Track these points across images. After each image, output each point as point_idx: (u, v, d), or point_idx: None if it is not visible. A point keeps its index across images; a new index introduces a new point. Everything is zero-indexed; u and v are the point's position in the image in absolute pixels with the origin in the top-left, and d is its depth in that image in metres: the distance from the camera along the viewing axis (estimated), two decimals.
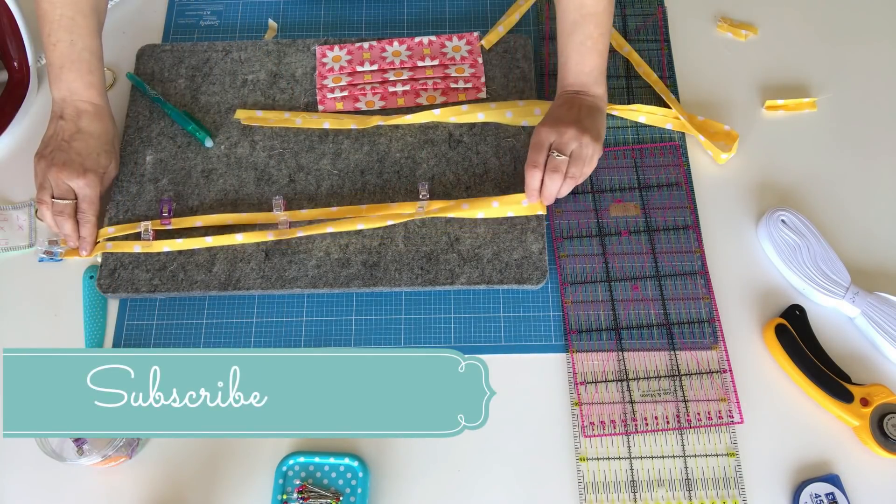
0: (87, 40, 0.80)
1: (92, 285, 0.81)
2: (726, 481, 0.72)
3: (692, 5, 0.97)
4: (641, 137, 0.88)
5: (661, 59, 0.93)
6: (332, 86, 0.90)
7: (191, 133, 0.87)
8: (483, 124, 0.87)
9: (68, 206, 0.78)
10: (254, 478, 0.73)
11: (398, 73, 0.89)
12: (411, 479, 0.73)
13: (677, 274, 0.81)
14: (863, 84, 0.91)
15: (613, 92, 0.91)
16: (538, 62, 0.93)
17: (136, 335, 0.80)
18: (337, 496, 0.71)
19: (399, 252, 0.81)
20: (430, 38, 0.91)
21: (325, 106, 0.89)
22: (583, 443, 0.74)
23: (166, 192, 0.84)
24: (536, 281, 0.79)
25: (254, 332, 0.80)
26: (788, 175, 0.86)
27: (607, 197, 0.85)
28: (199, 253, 0.81)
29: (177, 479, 0.73)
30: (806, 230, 0.80)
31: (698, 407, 0.75)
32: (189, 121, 0.87)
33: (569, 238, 0.83)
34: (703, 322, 0.79)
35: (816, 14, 0.96)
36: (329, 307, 0.80)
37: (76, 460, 0.69)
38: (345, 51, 0.91)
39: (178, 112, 0.87)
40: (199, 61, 0.92)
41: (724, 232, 0.83)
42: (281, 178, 0.85)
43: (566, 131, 0.77)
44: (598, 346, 0.78)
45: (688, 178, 0.86)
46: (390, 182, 0.84)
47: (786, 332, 0.76)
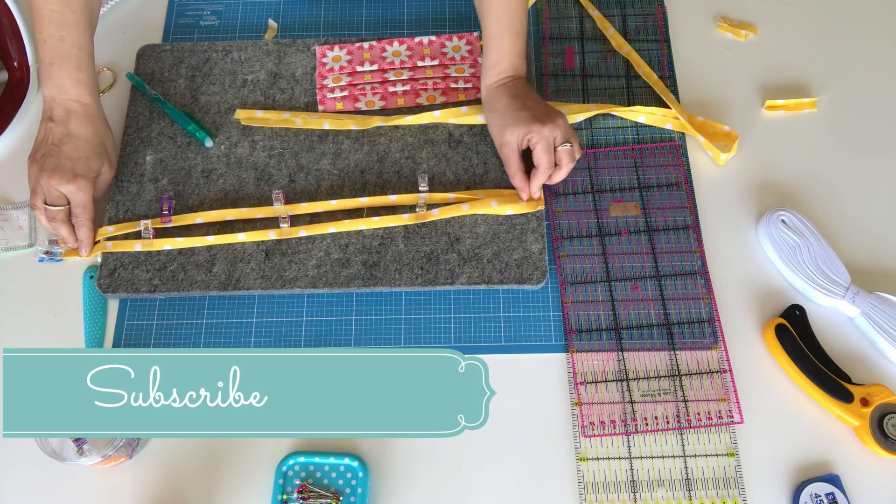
0: (76, 36, 0.79)
1: (92, 285, 0.81)
2: (726, 481, 0.72)
3: (692, 5, 0.97)
4: (641, 137, 0.88)
5: (661, 59, 0.93)
6: (332, 86, 0.90)
7: (191, 133, 0.87)
8: (483, 124, 0.87)
9: (60, 211, 0.78)
10: (254, 478, 0.73)
11: (398, 73, 0.89)
12: (411, 479, 0.73)
13: (677, 274, 0.81)
14: (863, 84, 0.91)
15: (614, 92, 0.91)
16: (538, 62, 0.93)
17: (136, 335, 0.80)
18: (337, 496, 0.71)
19: (399, 252, 0.81)
20: (430, 38, 0.91)
21: (324, 106, 0.89)
22: (583, 443, 0.74)
23: (166, 192, 0.84)
24: (536, 281, 0.79)
25: (254, 332, 0.80)
26: (788, 175, 0.86)
27: (607, 197, 0.85)
28: (199, 253, 0.81)
29: (177, 479, 0.73)
30: (806, 230, 0.80)
31: (698, 407, 0.75)
32: (189, 121, 0.87)
33: (569, 238, 0.83)
34: (703, 322, 0.79)
35: (816, 14, 0.96)
36: (329, 307, 0.81)
37: (76, 460, 0.69)
38: (345, 51, 0.91)
39: (178, 112, 0.87)
40: (199, 61, 0.92)
41: (724, 232, 0.83)
42: (281, 178, 0.85)
43: (542, 127, 0.78)
44: (598, 346, 0.78)
45: (688, 178, 0.86)
46: (390, 182, 0.84)
47: (786, 332, 0.76)
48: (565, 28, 0.95)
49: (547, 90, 0.91)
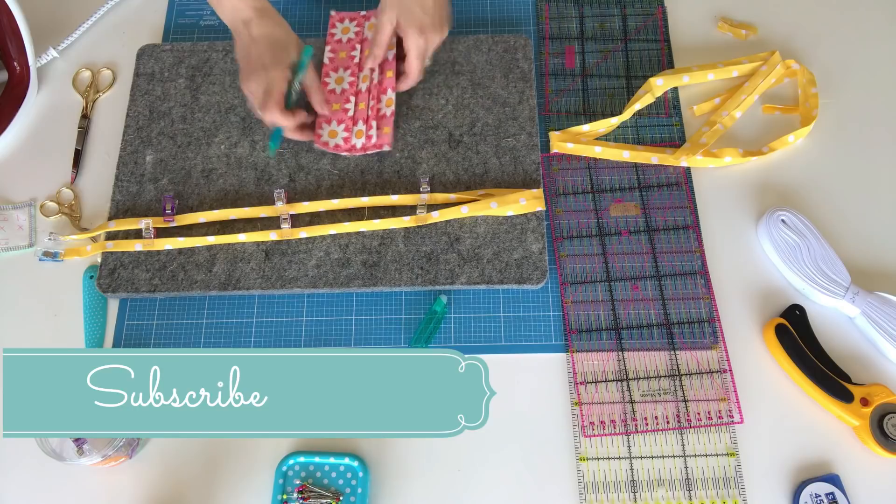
0: None
1: (92, 285, 0.81)
2: (726, 481, 0.72)
3: (692, 5, 0.97)
4: (642, 137, 0.88)
5: (662, 59, 0.93)
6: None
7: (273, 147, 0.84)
8: (483, 124, 0.87)
9: (271, 101, 0.79)
10: (254, 478, 0.73)
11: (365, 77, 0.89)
12: (411, 479, 0.73)
13: (677, 274, 0.81)
14: (863, 85, 0.91)
15: (614, 92, 0.91)
16: (538, 62, 0.93)
17: (136, 335, 0.80)
18: (337, 496, 0.71)
19: (399, 252, 0.81)
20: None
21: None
22: (583, 443, 0.74)
23: (167, 192, 0.84)
24: (536, 281, 0.79)
25: (254, 332, 0.80)
26: (788, 175, 0.86)
27: (607, 197, 0.85)
28: (199, 253, 0.81)
29: (177, 479, 0.73)
30: (806, 230, 0.80)
31: (698, 407, 0.75)
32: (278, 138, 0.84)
33: (569, 238, 0.83)
34: (703, 322, 0.79)
35: (816, 14, 0.96)
36: (329, 307, 0.81)
37: (76, 460, 0.69)
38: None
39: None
40: (199, 61, 0.92)
41: (724, 232, 0.83)
42: (281, 178, 0.85)
43: (418, 36, 0.81)
44: (598, 346, 0.78)
45: (688, 178, 0.86)
46: (390, 182, 0.84)
47: (786, 332, 0.76)
48: (565, 28, 0.95)
49: (547, 90, 0.91)
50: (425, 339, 0.78)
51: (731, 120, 0.88)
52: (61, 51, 0.95)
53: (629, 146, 0.86)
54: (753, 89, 0.88)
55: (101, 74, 0.94)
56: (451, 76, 0.90)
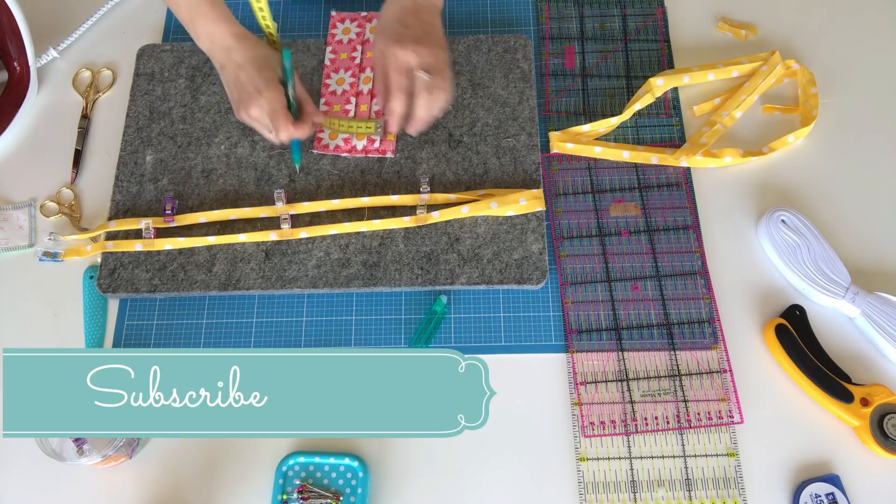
0: None
1: (92, 285, 0.81)
2: (726, 481, 0.72)
3: (692, 5, 0.97)
4: (642, 138, 0.88)
5: (662, 59, 0.93)
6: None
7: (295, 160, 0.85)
8: (483, 124, 0.87)
9: (278, 118, 0.78)
10: (254, 478, 0.73)
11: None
12: (411, 479, 0.73)
13: (677, 274, 0.81)
14: (863, 85, 0.91)
15: (614, 92, 0.91)
16: (538, 62, 0.93)
17: (136, 335, 0.80)
18: (337, 496, 0.71)
19: (399, 252, 0.81)
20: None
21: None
22: (583, 443, 0.74)
23: (167, 192, 0.84)
24: (536, 281, 0.79)
25: (254, 332, 0.80)
26: (788, 175, 0.86)
27: (607, 197, 0.85)
28: (199, 253, 0.81)
29: (177, 479, 0.73)
30: (806, 230, 0.80)
31: (698, 407, 0.75)
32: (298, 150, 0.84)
33: (569, 238, 0.83)
34: (703, 322, 0.79)
35: (816, 14, 0.96)
36: (329, 307, 0.81)
37: (76, 460, 0.69)
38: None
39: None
40: (199, 61, 0.92)
41: (724, 232, 0.83)
42: (281, 178, 0.85)
43: (398, 49, 0.77)
44: (598, 346, 0.78)
45: (688, 178, 0.86)
46: (390, 182, 0.84)
47: (786, 332, 0.76)
48: (565, 28, 0.95)
49: (547, 90, 0.91)
50: (425, 340, 0.78)
51: (731, 120, 0.88)
52: (61, 51, 0.95)
53: (629, 146, 0.87)
54: (753, 89, 0.88)
55: (101, 74, 0.94)
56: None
